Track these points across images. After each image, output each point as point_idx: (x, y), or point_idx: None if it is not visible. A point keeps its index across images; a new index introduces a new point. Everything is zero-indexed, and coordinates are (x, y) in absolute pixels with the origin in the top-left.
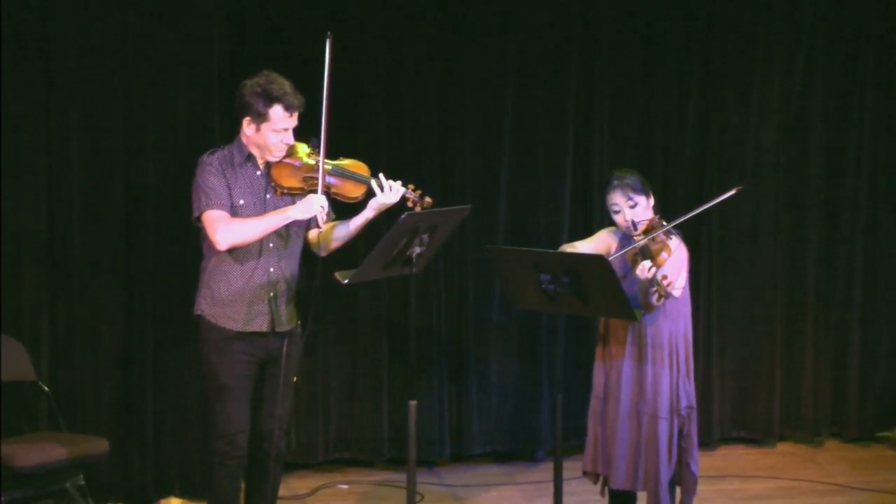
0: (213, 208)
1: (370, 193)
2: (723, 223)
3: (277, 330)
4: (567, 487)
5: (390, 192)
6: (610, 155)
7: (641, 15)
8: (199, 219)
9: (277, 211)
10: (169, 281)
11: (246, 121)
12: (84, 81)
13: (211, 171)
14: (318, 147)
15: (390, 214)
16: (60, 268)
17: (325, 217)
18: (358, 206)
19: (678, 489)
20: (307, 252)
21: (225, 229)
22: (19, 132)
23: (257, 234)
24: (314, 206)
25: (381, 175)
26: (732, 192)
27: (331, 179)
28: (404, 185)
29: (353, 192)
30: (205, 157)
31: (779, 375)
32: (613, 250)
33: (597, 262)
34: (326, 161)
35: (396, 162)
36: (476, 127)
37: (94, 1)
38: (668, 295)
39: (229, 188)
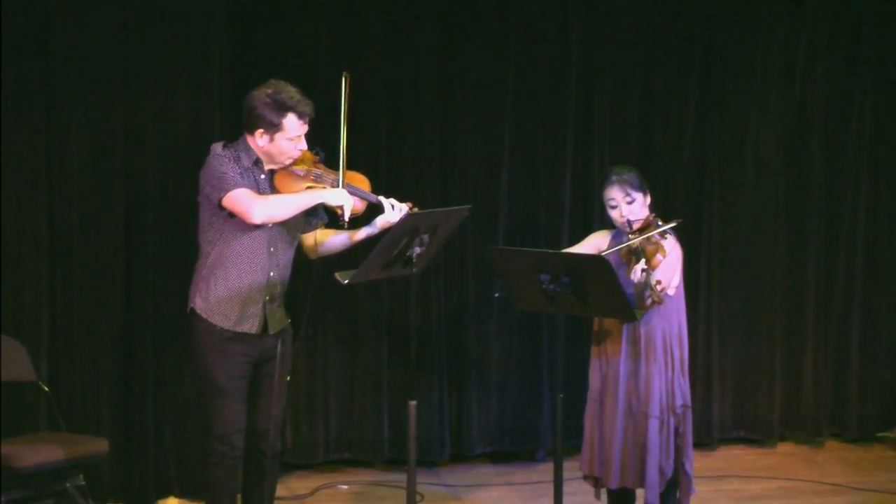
0: (238, 187)
1: (369, 209)
2: (723, 223)
3: (270, 332)
4: (567, 488)
5: (392, 210)
6: (610, 155)
7: (641, 15)
8: (220, 203)
9: (310, 190)
10: (169, 281)
11: (259, 133)
12: (84, 81)
13: (226, 162)
14: (322, 156)
15: None
16: (60, 267)
17: (349, 216)
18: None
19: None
20: (303, 254)
21: (260, 203)
22: (19, 132)
23: (290, 211)
24: (344, 197)
25: (387, 198)
26: (674, 223)
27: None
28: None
29: (355, 208)
30: (219, 149)
31: (779, 375)
32: (605, 248)
33: (597, 262)
34: (335, 174)
35: (397, 162)
36: (476, 127)
37: (94, 1)
38: (661, 301)
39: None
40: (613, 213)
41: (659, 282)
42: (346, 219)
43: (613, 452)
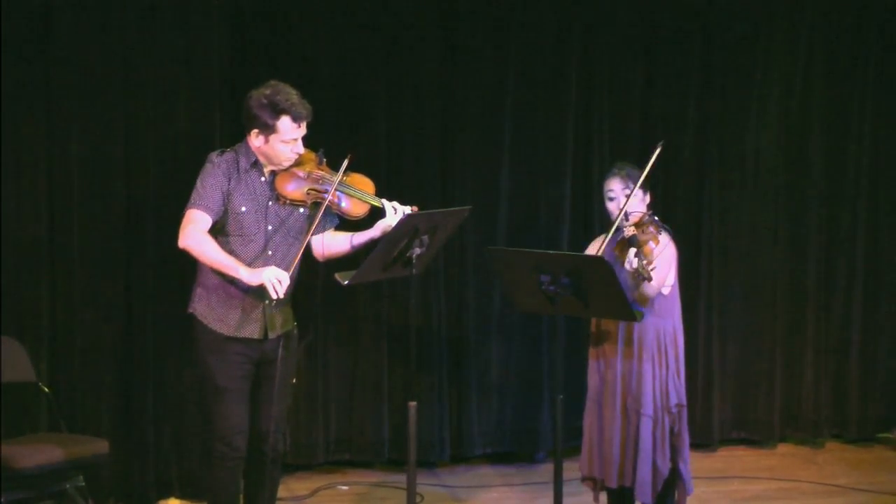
0: (198, 209)
1: (373, 212)
2: (723, 223)
3: (270, 336)
4: (567, 489)
5: (394, 214)
6: (610, 156)
7: (642, 16)
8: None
9: (235, 264)
10: (169, 281)
11: (254, 133)
12: (85, 82)
13: (215, 174)
14: (325, 159)
15: None
16: (60, 268)
17: (282, 292)
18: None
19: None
20: (308, 256)
21: (195, 236)
22: (20, 132)
23: (206, 262)
24: (264, 277)
25: (390, 202)
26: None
27: (339, 201)
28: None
29: (357, 211)
30: (215, 157)
31: (779, 376)
32: (603, 245)
33: (597, 262)
34: (335, 176)
35: (397, 162)
36: (476, 128)
37: (94, 1)
38: (649, 276)
39: (230, 194)
40: (611, 206)
41: (650, 261)
42: (273, 299)
43: (613, 452)
